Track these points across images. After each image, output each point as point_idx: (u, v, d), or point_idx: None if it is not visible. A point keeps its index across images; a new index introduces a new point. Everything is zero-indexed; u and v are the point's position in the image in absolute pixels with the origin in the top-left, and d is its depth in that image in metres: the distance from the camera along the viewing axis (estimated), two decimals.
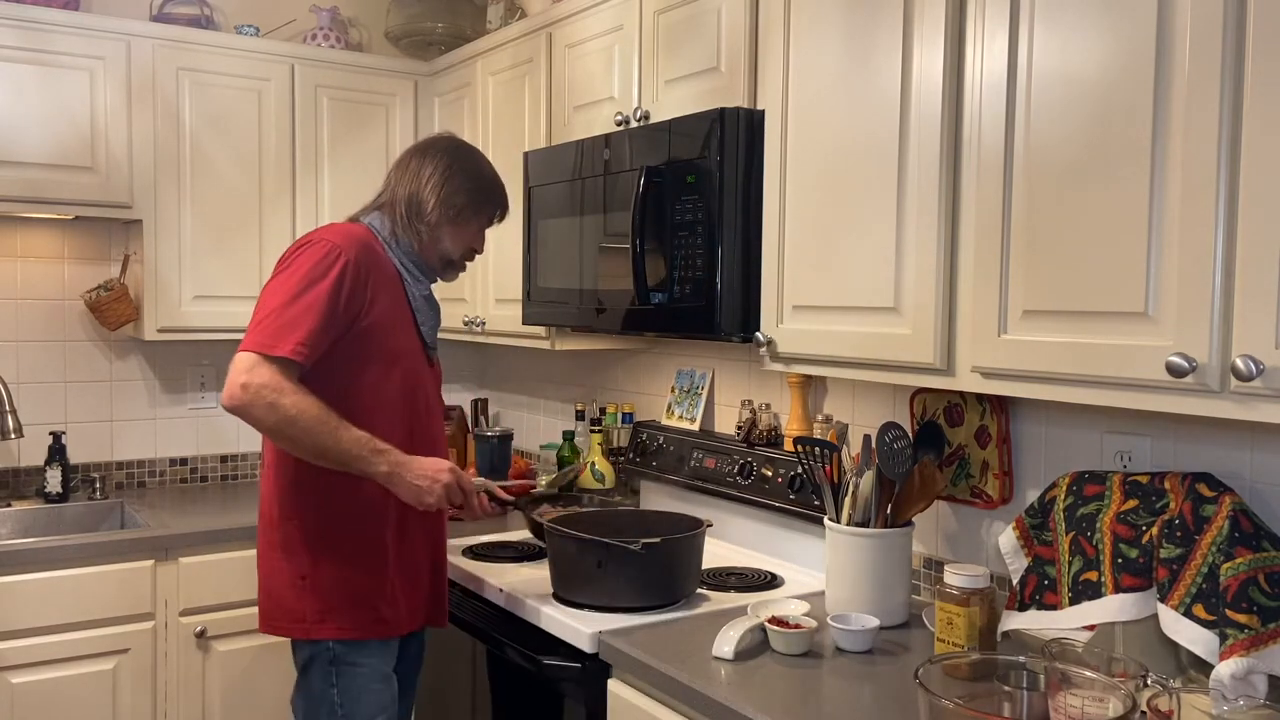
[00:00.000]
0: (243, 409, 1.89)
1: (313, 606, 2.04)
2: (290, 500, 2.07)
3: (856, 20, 1.85)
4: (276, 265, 2.05)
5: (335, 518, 2.06)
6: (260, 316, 1.95)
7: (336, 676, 2.06)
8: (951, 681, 1.47)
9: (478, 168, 2.22)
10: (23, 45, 2.86)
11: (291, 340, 1.91)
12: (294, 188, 3.29)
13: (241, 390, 1.88)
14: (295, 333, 1.91)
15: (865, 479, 2.02)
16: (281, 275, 2.00)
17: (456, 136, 2.34)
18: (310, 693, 2.09)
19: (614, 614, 2.06)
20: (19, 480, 3.21)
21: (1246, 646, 1.43)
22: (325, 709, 2.07)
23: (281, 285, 1.97)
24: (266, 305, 1.96)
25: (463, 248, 2.23)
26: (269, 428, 1.92)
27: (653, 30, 2.40)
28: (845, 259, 1.88)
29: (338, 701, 2.06)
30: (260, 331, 1.92)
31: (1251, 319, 1.28)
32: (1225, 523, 1.53)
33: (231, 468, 3.55)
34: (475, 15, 3.59)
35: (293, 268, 1.99)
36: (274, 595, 2.09)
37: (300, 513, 2.06)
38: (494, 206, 2.25)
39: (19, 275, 3.23)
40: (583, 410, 3.15)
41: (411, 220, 2.14)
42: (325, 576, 2.04)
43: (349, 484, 2.02)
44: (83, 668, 2.71)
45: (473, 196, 2.18)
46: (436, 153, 2.19)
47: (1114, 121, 1.43)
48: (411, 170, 2.18)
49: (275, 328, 1.91)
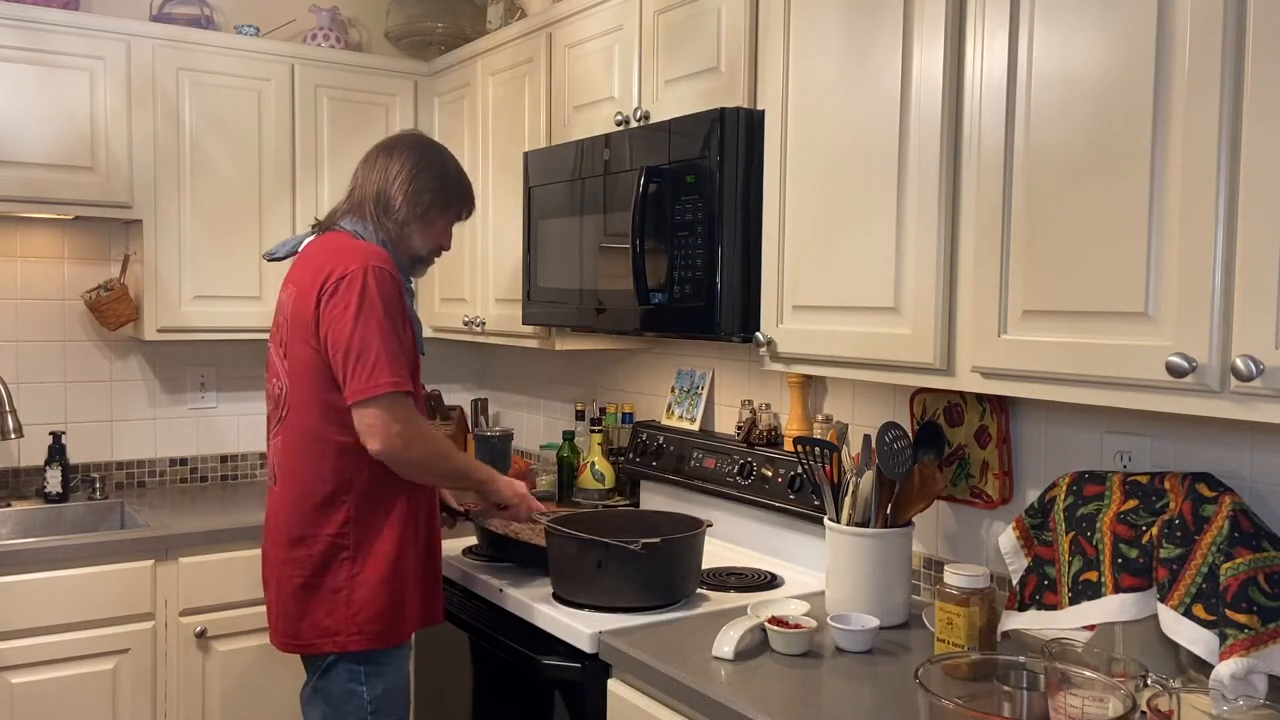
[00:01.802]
0: (398, 454, 2.00)
1: (344, 619, 2.06)
2: (322, 516, 2.07)
3: (856, 20, 1.85)
4: (335, 296, 2.01)
5: (369, 532, 2.08)
6: (373, 358, 1.98)
7: (366, 676, 2.09)
8: (951, 681, 1.47)
9: (444, 165, 2.24)
10: (23, 45, 2.86)
11: (405, 373, 2.01)
12: (294, 188, 3.29)
13: (399, 438, 1.99)
14: (403, 368, 2.01)
15: (865, 479, 2.02)
16: (363, 312, 1.99)
17: (423, 134, 2.37)
18: (332, 695, 2.10)
19: (614, 614, 2.06)
20: (19, 480, 3.21)
21: (1246, 646, 1.43)
22: (354, 709, 2.08)
23: (371, 321, 1.99)
24: (371, 345, 1.98)
25: (431, 244, 2.26)
26: (416, 464, 2.05)
27: (653, 30, 2.40)
28: (845, 259, 1.88)
29: (367, 699, 2.08)
30: (383, 373, 1.98)
31: (1251, 319, 1.28)
32: (1225, 523, 1.53)
33: (231, 468, 3.55)
34: (475, 15, 3.59)
35: (369, 302, 2.00)
36: (298, 610, 2.09)
37: (332, 528, 2.07)
38: (461, 203, 2.28)
39: (19, 275, 3.23)
40: (583, 410, 3.15)
41: (380, 218, 2.16)
42: (362, 588, 2.06)
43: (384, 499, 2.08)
44: (83, 668, 2.70)
45: (439, 194, 2.21)
46: (403, 150, 2.20)
47: (1114, 121, 1.43)
48: (379, 168, 2.19)
49: (394, 367, 1.99)
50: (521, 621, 2.18)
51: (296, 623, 2.09)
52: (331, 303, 2.01)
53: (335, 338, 2.00)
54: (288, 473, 2.11)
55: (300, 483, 2.09)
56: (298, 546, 2.09)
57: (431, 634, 2.59)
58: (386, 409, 1.98)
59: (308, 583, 2.08)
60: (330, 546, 2.07)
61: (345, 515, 2.07)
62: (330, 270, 2.03)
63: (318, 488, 2.07)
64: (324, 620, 2.06)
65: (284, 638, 2.12)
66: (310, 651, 2.10)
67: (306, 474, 2.08)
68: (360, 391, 1.97)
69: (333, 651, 2.07)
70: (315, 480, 2.07)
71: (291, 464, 2.10)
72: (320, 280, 2.03)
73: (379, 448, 1.98)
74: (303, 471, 2.08)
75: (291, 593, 2.10)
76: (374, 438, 1.98)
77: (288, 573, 2.10)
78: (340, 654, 2.07)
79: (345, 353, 1.98)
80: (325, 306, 2.02)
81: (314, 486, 2.07)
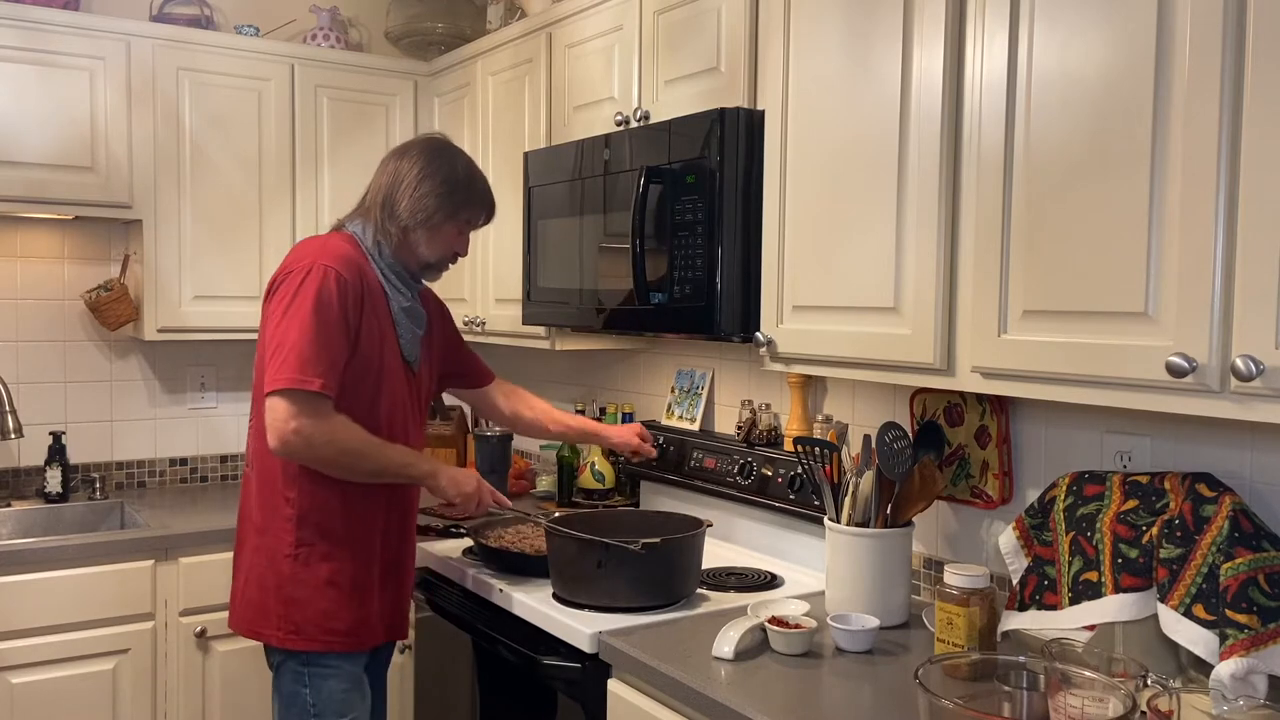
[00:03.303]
0: (299, 452, 1.95)
1: (283, 615, 2.05)
2: (275, 510, 2.07)
3: (856, 20, 1.85)
4: (276, 293, 2.03)
5: (317, 533, 2.06)
6: (285, 353, 1.94)
7: (309, 678, 2.07)
8: (951, 681, 1.47)
9: (452, 170, 2.16)
10: (23, 45, 2.86)
11: (322, 375, 1.94)
12: (294, 188, 3.29)
13: (295, 435, 1.92)
14: (322, 366, 1.95)
15: (865, 479, 2.02)
16: (292, 307, 1.97)
17: (440, 138, 2.28)
18: (281, 693, 2.10)
19: (614, 614, 2.06)
20: (19, 480, 3.21)
21: (1246, 646, 1.43)
22: (297, 710, 2.08)
23: (296, 317, 1.96)
24: (287, 340, 1.95)
25: (439, 251, 2.18)
26: (327, 462, 1.98)
27: (653, 30, 2.40)
28: (845, 259, 1.88)
29: (310, 702, 2.07)
30: (289, 368, 1.93)
31: (1251, 319, 1.28)
32: (1225, 523, 1.53)
33: (231, 468, 3.55)
34: (475, 15, 3.59)
35: (300, 298, 1.97)
36: (253, 595, 2.09)
37: (282, 523, 2.06)
38: (470, 209, 2.19)
39: (19, 275, 3.23)
40: (583, 410, 3.14)
41: (385, 224, 2.12)
42: (304, 587, 2.05)
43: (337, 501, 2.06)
44: (83, 668, 2.70)
45: (444, 200, 2.13)
46: (413, 155, 2.16)
47: (1114, 121, 1.43)
48: (389, 172, 2.16)
49: (303, 363, 1.93)
50: (521, 621, 2.18)
51: (251, 610, 2.10)
52: (275, 297, 2.03)
53: (269, 332, 2.01)
54: (253, 462, 2.13)
55: (261, 474, 2.10)
56: (261, 535, 2.09)
57: (432, 634, 2.59)
58: (285, 405, 1.92)
59: (264, 572, 2.07)
60: (279, 541, 2.06)
61: (291, 512, 2.05)
62: (283, 268, 2.06)
63: (272, 482, 2.07)
64: (273, 613, 2.06)
65: (240, 622, 2.13)
66: (260, 640, 2.11)
67: (265, 466, 2.08)
68: (268, 385, 1.95)
69: (275, 646, 2.08)
70: (271, 474, 2.07)
71: (255, 455, 2.12)
72: (274, 277, 2.07)
73: (274, 444, 1.94)
74: (263, 463, 2.08)
75: (253, 579, 2.10)
76: (271, 433, 1.93)
77: (252, 561, 2.11)
78: (286, 652, 2.07)
79: (270, 346, 1.99)
80: (270, 301, 2.04)
81: (270, 479, 2.08)
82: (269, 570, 2.07)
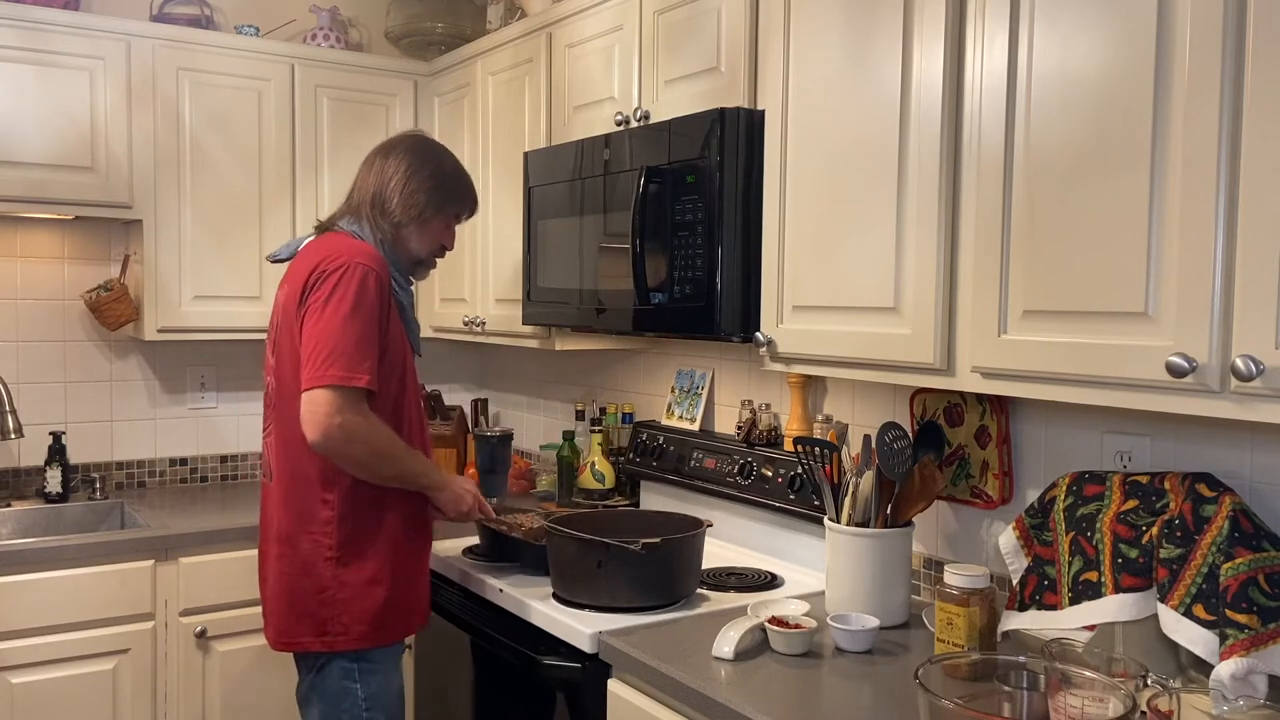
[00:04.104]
0: (337, 447, 1.95)
1: (331, 619, 2.06)
2: (309, 515, 2.07)
3: (856, 20, 1.85)
4: (314, 292, 2.02)
5: (356, 532, 2.07)
6: (329, 349, 1.94)
7: (359, 674, 2.09)
8: (951, 681, 1.47)
9: (439, 165, 2.22)
10: (23, 45, 2.86)
11: (365, 370, 1.96)
12: (294, 188, 3.29)
13: (339, 430, 1.92)
14: (366, 362, 1.96)
15: (865, 479, 2.02)
16: (331, 304, 1.98)
17: (423, 134, 2.35)
18: (327, 693, 2.10)
19: (614, 614, 2.06)
20: (19, 480, 3.21)
21: (1246, 646, 1.43)
22: (348, 706, 2.08)
23: (336, 313, 1.97)
24: (329, 335, 1.95)
25: (429, 246, 2.24)
26: (356, 460, 1.99)
27: (653, 30, 2.40)
28: (845, 259, 1.88)
29: (361, 697, 2.08)
30: (336, 364, 1.93)
31: (1251, 319, 1.28)
32: (1225, 523, 1.53)
33: (231, 468, 3.55)
34: (475, 15, 3.59)
35: (339, 294, 1.98)
36: (289, 609, 2.09)
37: (319, 527, 2.07)
38: (457, 203, 2.26)
39: (19, 275, 3.23)
40: (583, 410, 3.15)
41: (378, 221, 2.15)
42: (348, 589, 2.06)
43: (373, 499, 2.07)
44: (83, 668, 2.70)
45: (433, 195, 2.19)
46: (399, 151, 2.20)
47: (1114, 122, 1.43)
48: (376, 169, 2.19)
49: (349, 359, 1.94)
50: (521, 621, 2.18)
51: (287, 621, 2.09)
52: (313, 296, 2.02)
53: (307, 330, 2.01)
54: (279, 470, 2.12)
55: (290, 480, 2.09)
56: (287, 544, 2.09)
57: (431, 634, 2.59)
58: (331, 398, 1.93)
59: (297, 581, 2.08)
60: (317, 545, 2.06)
61: (331, 514, 2.06)
62: (317, 265, 2.05)
63: (305, 486, 2.07)
64: (313, 620, 2.06)
65: (277, 636, 2.13)
66: (300, 650, 2.11)
67: (295, 472, 2.08)
68: (308, 380, 1.95)
69: (323, 651, 2.08)
70: (303, 478, 2.07)
71: (282, 461, 2.11)
72: (307, 275, 2.05)
73: (315, 437, 1.94)
74: (292, 469, 2.08)
75: (283, 591, 2.10)
76: (312, 426, 1.94)
77: (280, 570, 2.11)
78: (333, 653, 2.08)
79: (309, 343, 1.99)
80: (308, 300, 2.03)
81: (302, 484, 2.07)
82: (303, 578, 2.07)
